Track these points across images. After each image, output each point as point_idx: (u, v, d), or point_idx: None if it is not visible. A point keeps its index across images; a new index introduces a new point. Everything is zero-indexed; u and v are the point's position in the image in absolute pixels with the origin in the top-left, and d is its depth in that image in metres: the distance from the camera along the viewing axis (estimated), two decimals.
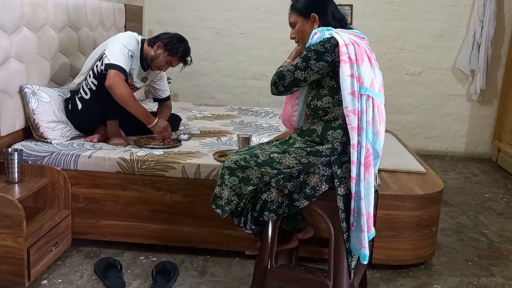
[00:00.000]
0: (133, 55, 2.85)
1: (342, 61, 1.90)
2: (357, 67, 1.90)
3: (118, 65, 2.73)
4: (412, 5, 4.96)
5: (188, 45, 2.96)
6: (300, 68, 2.00)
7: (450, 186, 4.13)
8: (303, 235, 2.38)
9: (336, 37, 1.93)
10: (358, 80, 1.90)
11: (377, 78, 1.99)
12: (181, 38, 2.96)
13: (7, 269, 2.22)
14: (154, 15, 5.15)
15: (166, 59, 2.92)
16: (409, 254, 2.62)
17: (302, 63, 2.00)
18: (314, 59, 1.96)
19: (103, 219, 2.69)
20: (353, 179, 1.92)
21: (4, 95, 2.64)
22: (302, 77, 2.02)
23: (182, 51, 2.91)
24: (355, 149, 1.90)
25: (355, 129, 1.90)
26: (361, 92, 1.90)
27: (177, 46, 2.90)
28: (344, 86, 1.90)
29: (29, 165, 2.57)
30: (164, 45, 2.90)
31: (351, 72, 1.90)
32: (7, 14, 2.61)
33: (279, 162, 2.01)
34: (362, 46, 1.96)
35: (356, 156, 1.90)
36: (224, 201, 2.07)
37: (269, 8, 5.08)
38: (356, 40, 1.97)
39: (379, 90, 1.99)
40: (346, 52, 1.90)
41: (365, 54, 1.95)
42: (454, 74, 5.07)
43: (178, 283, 2.43)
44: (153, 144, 2.88)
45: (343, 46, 1.91)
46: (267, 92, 5.26)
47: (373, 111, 1.95)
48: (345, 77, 1.89)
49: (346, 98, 1.90)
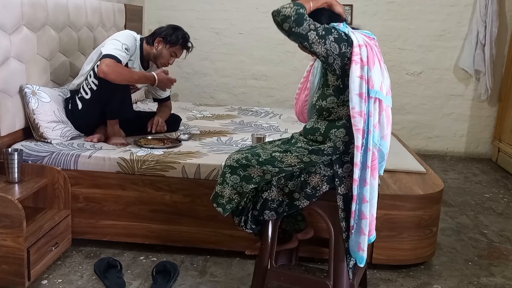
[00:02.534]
0: (128, 48, 2.81)
1: (353, 62, 1.87)
2: (367, 69, 1.88)
3: (109, 53, 2.71)
4: (412, 5, 4.96)
5: (184, 31, 3.00)
6: (317, 32, 1.85)
7: (450, 186, 4.13)
8: (303, 236, 2.38)
9: (351, 36, 1.91)
10: (368, 83, 1.88)
11: (386, 81, 1.97)
12: (175, 27, 3.00)
13: (7, 269, 2.22)
14: (154, 15, 5.15)
15: (169, 52, 2.95)
16: (409, 254, 2.62)
17: (322, 31, 1.86)
18: (334, 37, 1.88)
19: (103, 219, 2.69)
20: (356, 181, 1.91)
21: (4, 95, 2.64)
22: (311, 40, 1.86)
23: (182, 38, 2.95)
24: (359, 151, 1.89)
25: (360, 130, 1.88)
26: (370, 94, 1.88)
27: (175, 36, 2.93)
28: (352, 86, 1.87)
29: (29, 165, 2.57)
30: (163, 39, 2.93)
31: (361, 73, 1.88)
32: (7, 14, 2.61)
33: (280, 160, 2.01)
34: (374, 48, 1.95)
35: (360, 158, 1.89)
36: (226, 199, 2.07)
37: (269, 8, 5.02)
38: (369, 42, 1.95)
39: (386, 93, 1.97)
40: (359, 53, 1.88)
41: (376, 57, 1.94)
42: (454, 74, 5.07)
43: (178, 283, 2.43)
44: (153, 144, 2.88)
45: (356, 47, 1.88)
46: (267, 92, 5.26)
47: (380, 114, 1.94)
48: (354, 78, 1.87)
49: (354, 99, 1.88)
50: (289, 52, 5.09)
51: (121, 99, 2.85)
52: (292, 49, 5.06)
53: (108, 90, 2.76)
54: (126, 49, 2.80)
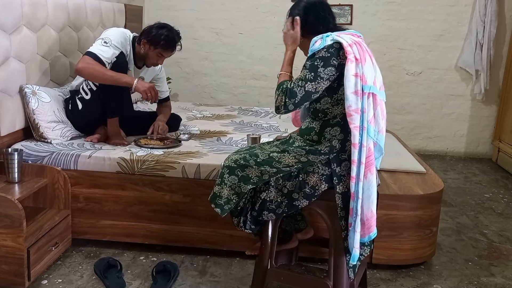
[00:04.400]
0: (109, 40, 2.76)
1: (348, 60, 1.87)
2: (361, 66, 1.90)
3: (87, 51, 2.72)
4: (412, 5, 4.96)
5: (171, 30, 2.85)
6: (310, 80, 1.91)
7: (450, 186, 4.13)
8: (303, 236, 2.38)
9: (338, 39, 1.91)
10: (362, 79, 1.89)
11: (378, 76, 1.99)
12: (161, 26, 2.85)
13: (7, 269, 2.23)
14: (154, 15, 5.15)
15: (155, 53, 2.86)
16: (409, 254, 2.62)
17: (311, 74, 1.91)
18: (322, 66, 1.91)
19: (103, 219, 2.69)
20: (353, 178, 1.91)
21: (4, 95, 2.64)
22: (313, 89, 1.92)
23: (164, 39, 2.80)
24: (357, 148, 1.89)
25: (358, 128, 1.89)
26: (364, 90, 1.89)
27: (158, 36, 2.80)
28: (348, 85, 1.88)
29: (29, 165, 2.57)
30: (147, 41, 2.84)
31: (356, 71, 1.88)
32: (7, 14, 2.61)
33: (278, 161, 2.01)
34: (363, 45, 1.96)
35: (357, 155, 1.90)
36: (224, 200, 2.08)
37: (269, 8, 5.08)
38: (357, 40, 1.96)
39: (380, 87, 1.98)
40: (352, 51, 1.89)
41: (366, 53, 1.95)
42: (454, 74, 5.07)
43: (178, 283, 2.43)
44: (153, 144, 2.88)
45: (347, 46, 1.89)
46: (267, 92, 5.26)
47: (375, 109, 1.94)
48: (349, 76, 1.87)
49: (350, 97, 1.88)
50: None
51: (120, 97, 2.84)
52: None
53: (107, 90, 2.76)
54: (105, 42, 2.75)
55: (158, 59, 2.90)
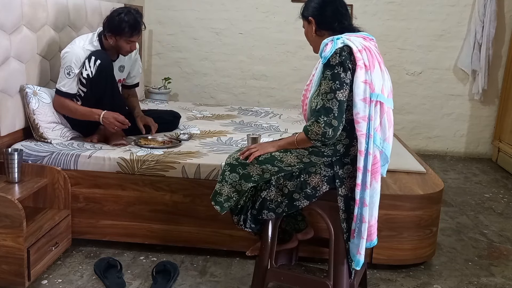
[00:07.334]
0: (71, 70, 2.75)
1: (358, 67, 1.86)
2: (369, 73, 1.88)
3: (56, 89, 2.83)
4: (412, 5, 4.96)
5: (128, 12, 2.76)
6: (337, 89, 1.86)
7: (450, 186, 4.13)
8: (303, 236, 2.38)
9: (349, 44, 1.89)
10: (370, 87, 1.88)
11: (386, 84, 1.97)
12: (118, 12, 2.77)
13: (7, 269, 2.23)
14: (154, 15, 5.15)
15: (123, 41, 2.79)
16: (409, 254, 2.62)
17: (335, 83, 1.86)
18: (342, 71, 1.87)
19: (103, 219, 2.69)
20: (358, 185, 1.90)
21: (4, 95, 2.64)
22: (343, 97, 1.87)
23: (126, 26, 2.72)
24: (363, 155, 1.88)
25: (364, 135, 1.88)
26: (372, 98, 1.88)
27: (119, 25, 2.73)
28: (357, 91, 1.86)
29: (29, 165, 2.57)
30: (112, 33, 2.78)
31: (365, 78, 1.87)
32: (7, 14, 2.61)
33: (280, 160, 2.01)
34: (373, 52, 1.94)
35: (363, 162, 1.89)
36: (224, 197, 2.08)
37: (269, 8, 5.08)
38: (367, 45, 1.94)
39: (388, 95, 1.96)
40: (361, 58, 1.87)
41: (375, 60, 1.93)
42: (454, 74, 5.07)
43: (178, 283, 2.43)
44: (153, 144, 2.88)
45: (357, 52, 1.87)
46: (267, 92, 5.26)
47: (382, 117, 1.93)
48: (359, 83, 1.86)
49: (358, 104, 1.86)
50: (289, 52, 5.09)
51: (111, 93, 2.85)
52: (292, 49, 5.07)
53: (96, 91, 2.78)
54: (68, 74, 2.77)
55: (129, 46, 2.83)
